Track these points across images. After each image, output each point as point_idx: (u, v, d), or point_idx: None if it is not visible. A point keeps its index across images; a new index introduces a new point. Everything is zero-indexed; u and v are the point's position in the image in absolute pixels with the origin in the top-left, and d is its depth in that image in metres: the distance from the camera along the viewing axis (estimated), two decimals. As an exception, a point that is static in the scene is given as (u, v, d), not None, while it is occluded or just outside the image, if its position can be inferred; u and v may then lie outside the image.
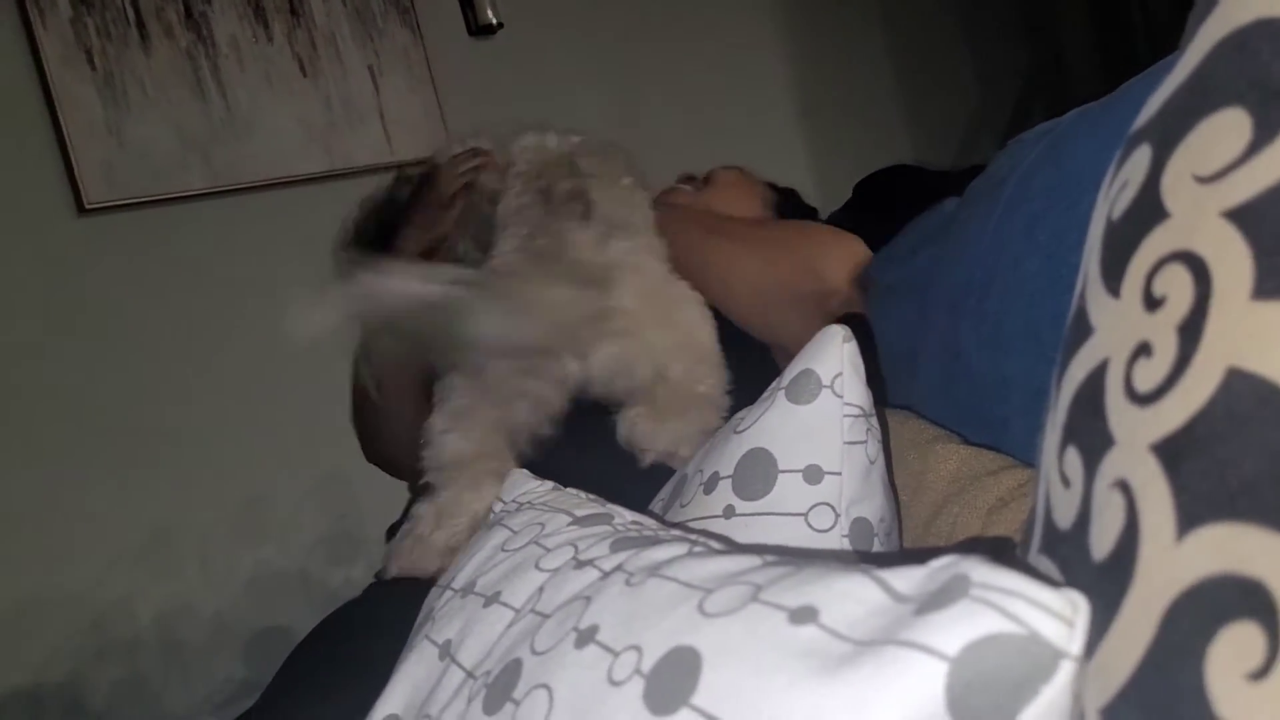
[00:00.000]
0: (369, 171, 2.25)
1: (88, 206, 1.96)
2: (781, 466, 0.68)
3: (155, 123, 2.04)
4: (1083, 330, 0.40)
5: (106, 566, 1.91)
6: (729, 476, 0.69)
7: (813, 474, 0.67)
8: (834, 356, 0.69)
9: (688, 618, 0.42)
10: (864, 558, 0.65)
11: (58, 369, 1.90)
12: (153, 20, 2.04)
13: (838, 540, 0.67)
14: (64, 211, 1.95)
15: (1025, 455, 0.81)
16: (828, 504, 0.67)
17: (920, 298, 1.04)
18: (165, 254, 2.03)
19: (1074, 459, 0.38)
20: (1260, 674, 0.27)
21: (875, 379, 0.74)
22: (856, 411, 0.69)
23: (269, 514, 2.08)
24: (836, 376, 0.68)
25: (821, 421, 0.68)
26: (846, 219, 1.52)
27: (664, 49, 2.49)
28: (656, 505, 0.82)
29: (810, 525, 0.67)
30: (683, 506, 0.74)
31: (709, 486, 0.70)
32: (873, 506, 0.70)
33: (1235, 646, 0.28)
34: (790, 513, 0.67)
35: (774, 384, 0.72)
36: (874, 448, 0.70)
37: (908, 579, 0.39)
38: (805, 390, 0.68)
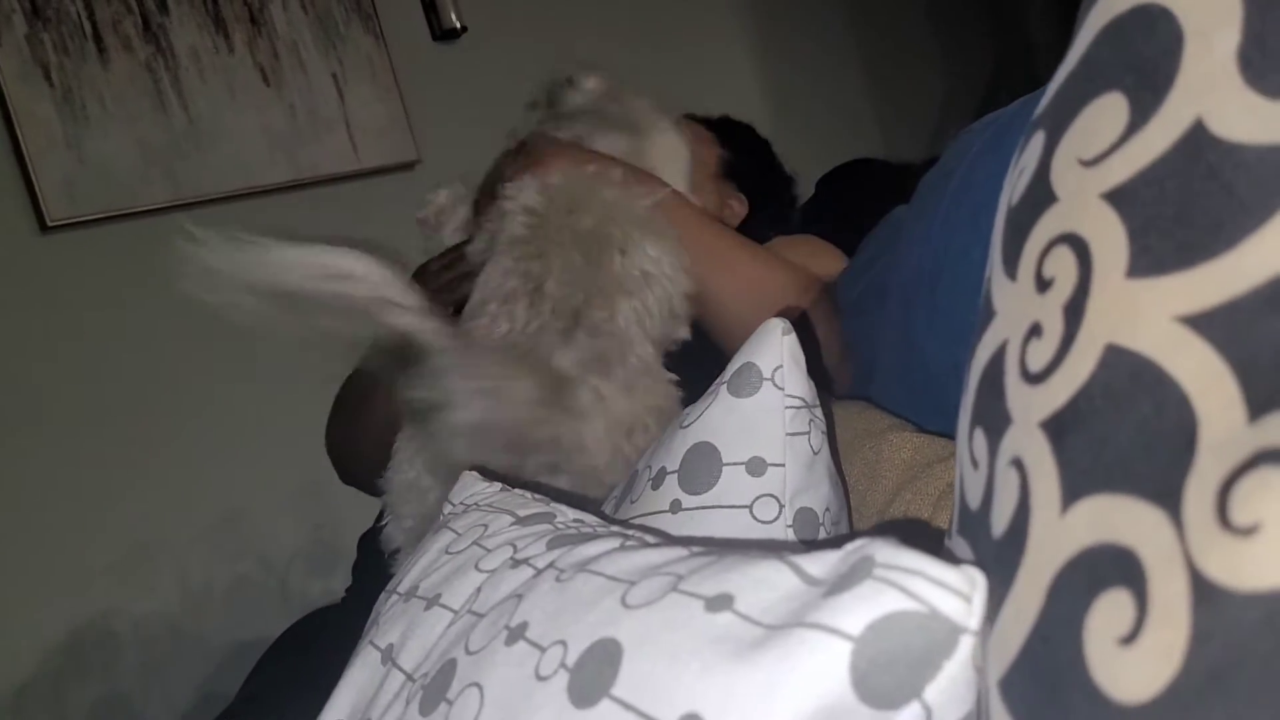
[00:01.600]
0: (336, 180, 2.25)
1: (50, 224, 1.94)
2: (725, 459, 0.68)
3: (116, 137, 2.02)
4: (988, 314, 0.41)
5: (84, 581, 1.90)
6: (675, 471, 0.70)
7: (756, 466, 0.68)
8: (774, 349, 0.69)
9: (610, 610, 0.43)
10: (798, 546, 0.66)
11: (26, 388, 1.89)
12: (110, 34, 2.03)
13: (782, 531, 0.68)
14: (26, 230, 1.94)
15: (972, 440, 0.82)
16: (772, 495, 0.68)
17: (880, 302, 1.06)
18: (131, 269, 2.02)
19: (980, 440, 0.39)
20: (1129, 638, 0.28)
21: (817, 372, 0.75)
22: (798, 403, 0.69)
23: (246, 527, 2.07)
24: (777, 369, 0.69)
25: (763, 414, 0.68)
26: (814, 217, 1.54)
27: (630, 47, 2.50)
28: (609, 504, 0.83)
29: (755, 517, 0.68)
30: (632, 503, 0.74)
31: (656, 482, 0.71)
32: (818, 497, 0.71)
33: (1110, 612, 0.29)
34: (735, 505, 0.68)
35: (718, 379, 0.73)
36: (817, 439, 0.71)
37: (821, 563, 0.40)
38: (747, 383, 0.69)
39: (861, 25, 2.93)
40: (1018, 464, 0.35)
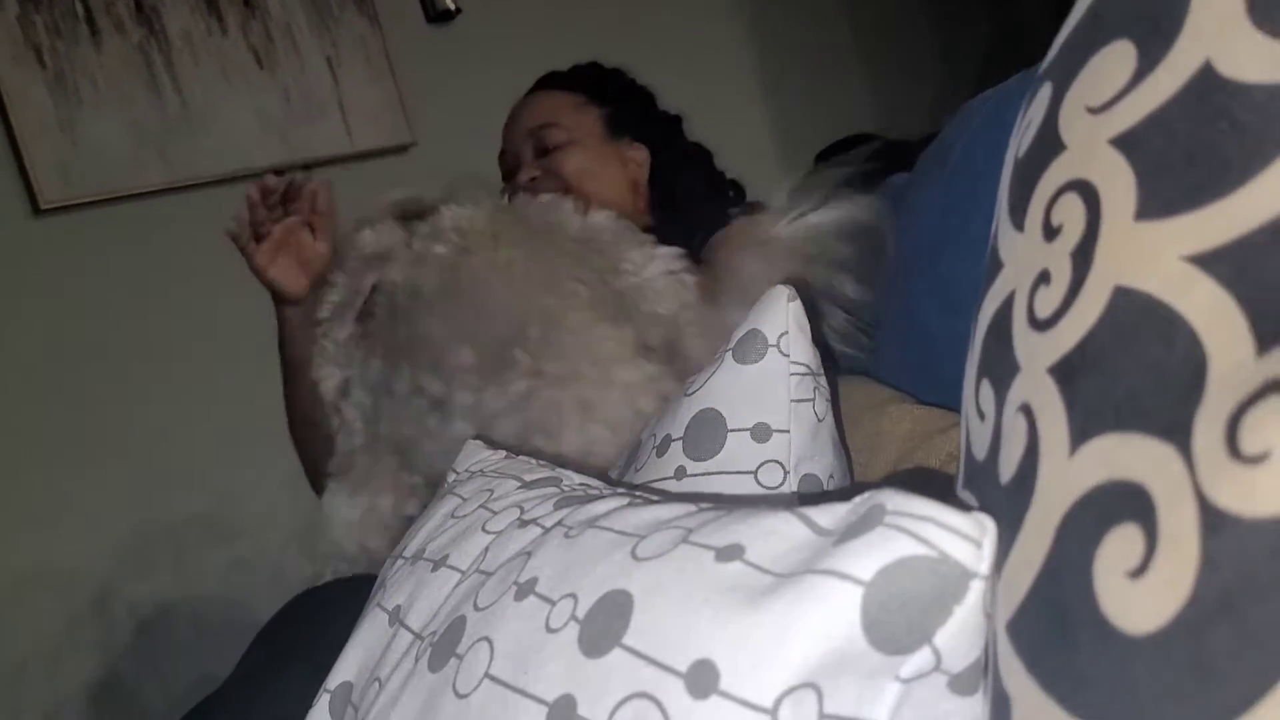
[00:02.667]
0: (329, 163, 2.24)
1: (43, 207, 1.93)
2: (730, 426, 0.69)
3: (109, 120, 2.01)
4: (994, 267, 0.41)
5: (80, 563, 1.89)
6: (680, 438, 0.70)
7: (761, 432, 0.68)
8: (780, 316, 0.69)
9: (620, 563, 0.43)
10: (804, 500, 0.66)
11: (22, 370, 1.88)
12: (103, 15, 2.01)
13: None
14: (19, 213, 1.93)
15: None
16: (776, 461, 0.68)
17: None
18: (125, 252, 2.01)
19: (987, 391, 0.40)
20: (1139, 571, 0.29)
21: (821, 341, 0.75)
22: (803, 370, 0.70)
23: (242, 510, 2.07)
24: (782, 335, 0.69)
25: (768, 380, 0.68)
26: None
27: (625, 30, 2.49)
28: (612, 474, 0.83)
29: (760, 483, 0.68)
30: (637, 470, 0.75)
31: (661, 449, 0.71)
32: (822, 463, 0.71)
33: (1118, 547, 0.29)
34: (740, 470, 0.68)
35: (723, 346, 0.73)
36: (822, 405, 0.71)
37: (831, 514, 0.40)
38: (752, 350, 0.69)
39: (855, 9, 2.92)
40: (1026, 410, 0.36)
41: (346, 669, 0.58)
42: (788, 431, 0.67)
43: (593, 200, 1.13)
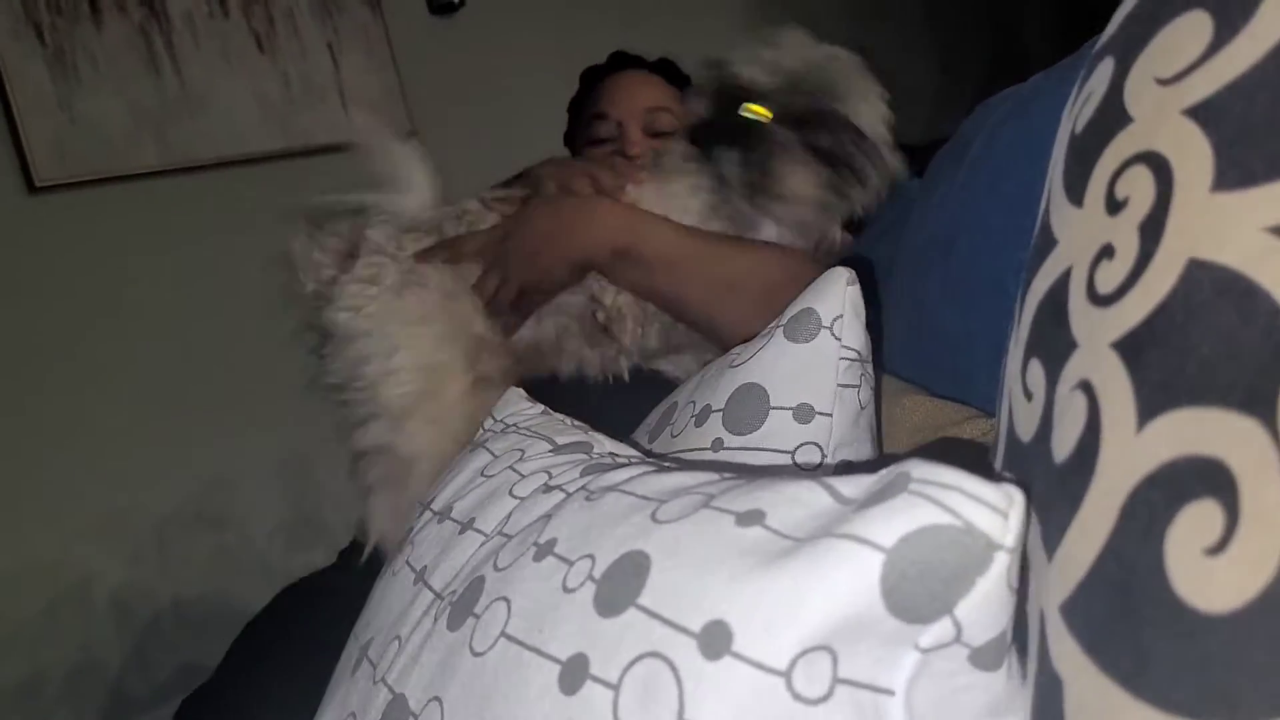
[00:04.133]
0: (327, 151, 2.22)
1: (38, 185, 1.91)
2: (773, 403, 0.67)
3: (108, 99, 1.99)
4: (1046, 244, 0.40)
5: (63, 549, 1.87)
6: (720, 410, 0.69)
7: (804, 413, 0.66)
8: (836, 298, 0.67)
9: (640, 525, 0.43)
10: (833, 472, 0.65)
11: (9, 350, 1.86)
12: (104, -6, 1.99)
13: (823, 481, 0.67)
14: (14, 190, 1.90)
15: (990, 406, 0.82)
16: (815, 444, 0.66)
17: (887, 271, 1.05)
18: (118, 234, 1.99)
19: (1036, 371, 0.39)
20: (1218, 548, 0.28)
21: (873, 329, 0.72)
22: (853, 355, 0.68)
23: (229, 498, 2.05)
24: (837, 318, 0.67)
25: (817, 361, 0.66)
26: None
27: (627, 24, 2.48)
28: (642, 432, 0.81)
29: (796, 463, 0.66)
30: (673, 436, 0.73)
31: (700, 419, 0.70)
32: (860, 451, 0.69)
33: (1195, 524, 0.28)
34: (778, 449, 0.66)
35: (774, 322, 0.71)
36: (866, 394, 0.69)
37: (855, 484, 0.39)
38: (804, 329, 0.67)
39: (856, 20, 2.92)
40: (1085, 387, 0.35)
41: (373, 626, 0.57)
42: (830, 415, 0.65)
43: None
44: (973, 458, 0.45)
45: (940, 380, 0.91)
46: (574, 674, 0.40)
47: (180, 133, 2.05)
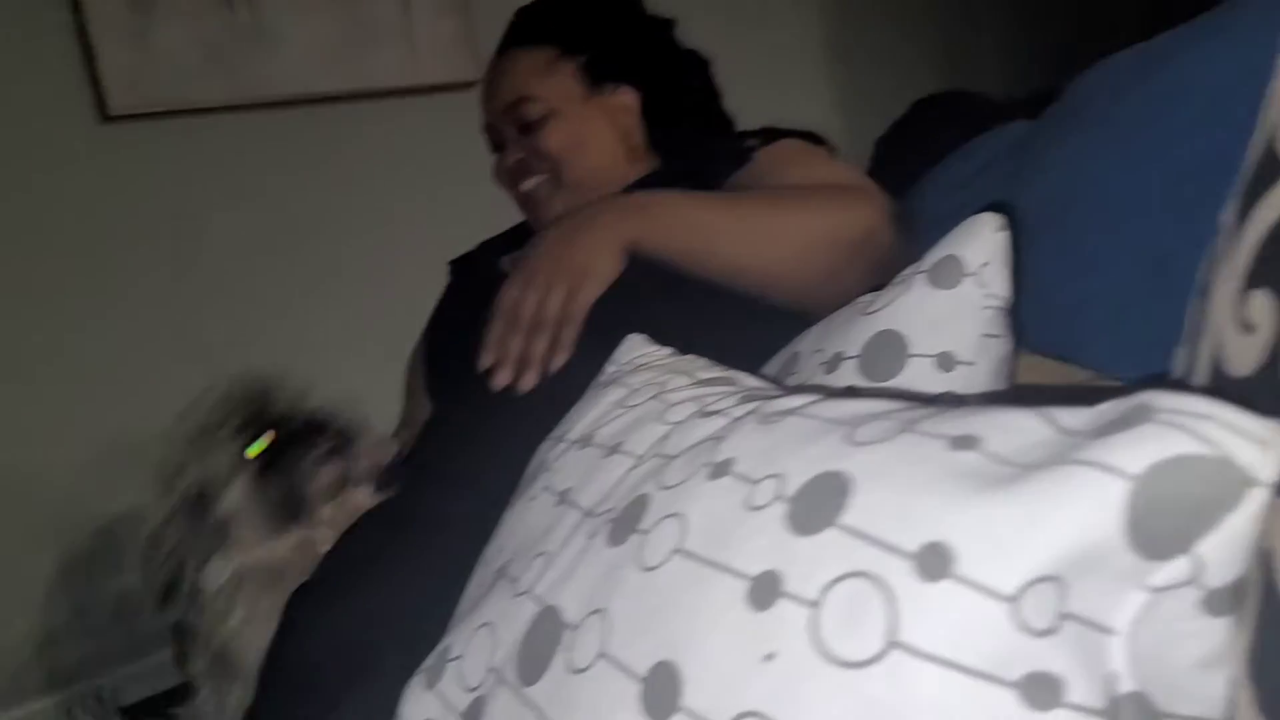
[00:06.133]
0: (392, 94, 2.22)
1: (111, 115, 1.91)
2: (912, 350, 0.65)
3: (181, 30, 1.99)
4: (1271, 172, 0.39)
5: (46, 477, 1.82)
6: (855, 356, 0.67)
7: (945, 361, 0.64)
8: (983, 244, 0.66)
9: (835, 447, 0.42)
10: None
11: (77, 269, 1.86)
12: (184, -76, 1.98)
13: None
14: (88, 119, 1.91)
15: (1108, 368, 0.80)
16: (956, 394, 0.65)
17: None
18: (188, 165, 2.00)
19: (1262, 301, 0.38)
20: None
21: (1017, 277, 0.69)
22: (999, 304, 0.66)
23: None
24: (984, 265, 0.65)
25: (961, 309, 0.65)
26: (896, 141, 1.50)
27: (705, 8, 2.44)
28: None
29: None
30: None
31: (831, 366, 0.68)
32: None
33: None
34: None
35: (911, 268, 0.69)
36: (1008, 345, 0.68)
37: (1076, 416, 0.37)
38: (947, 275, 0.65)
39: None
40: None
41: (507, 550, 0.57)
42: (973, 364, 0.64)
43: (584, 172, 1.12)
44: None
45: (1042, 346, 0.90)
46: (765, 591, 0.39)
47: (250, 68, 2.05)
